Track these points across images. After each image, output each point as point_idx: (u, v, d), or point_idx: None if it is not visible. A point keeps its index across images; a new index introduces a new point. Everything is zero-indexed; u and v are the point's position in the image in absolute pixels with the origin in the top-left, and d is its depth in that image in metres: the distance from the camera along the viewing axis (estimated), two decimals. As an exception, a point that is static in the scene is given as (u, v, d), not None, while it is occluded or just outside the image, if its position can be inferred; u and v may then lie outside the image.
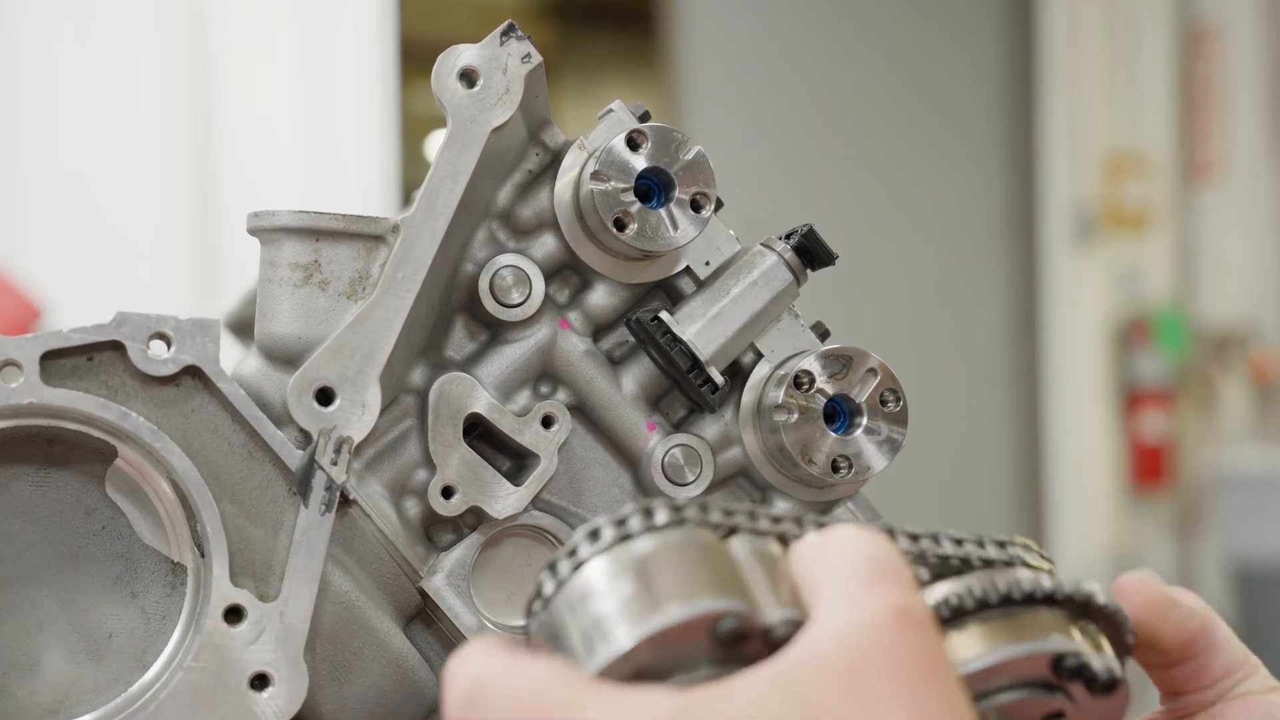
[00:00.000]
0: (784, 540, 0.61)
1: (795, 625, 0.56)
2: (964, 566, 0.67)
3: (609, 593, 0.56)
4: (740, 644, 0.55)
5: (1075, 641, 0.64)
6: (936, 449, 4.26)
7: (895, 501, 1.07)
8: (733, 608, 0.55)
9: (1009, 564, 0.67)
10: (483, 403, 0.84)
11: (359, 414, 0.80)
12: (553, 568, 0.58)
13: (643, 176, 0.83)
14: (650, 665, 0.55)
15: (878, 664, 0.52)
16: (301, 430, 0.80)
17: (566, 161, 0.87)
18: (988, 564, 0.67)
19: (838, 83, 4.34)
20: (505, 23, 0.84)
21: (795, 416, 0.85)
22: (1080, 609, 0.66)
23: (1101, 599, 0.66)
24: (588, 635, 0.55)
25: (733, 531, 0.60)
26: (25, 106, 2.99)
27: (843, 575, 0.55)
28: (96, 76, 3.06)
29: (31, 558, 0.80)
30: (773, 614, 0.56)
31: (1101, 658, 0.64)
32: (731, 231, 0.89)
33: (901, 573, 0.56)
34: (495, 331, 0.87)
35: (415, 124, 3.65)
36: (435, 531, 0.86)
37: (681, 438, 0.88)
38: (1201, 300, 4.81)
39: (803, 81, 4.27)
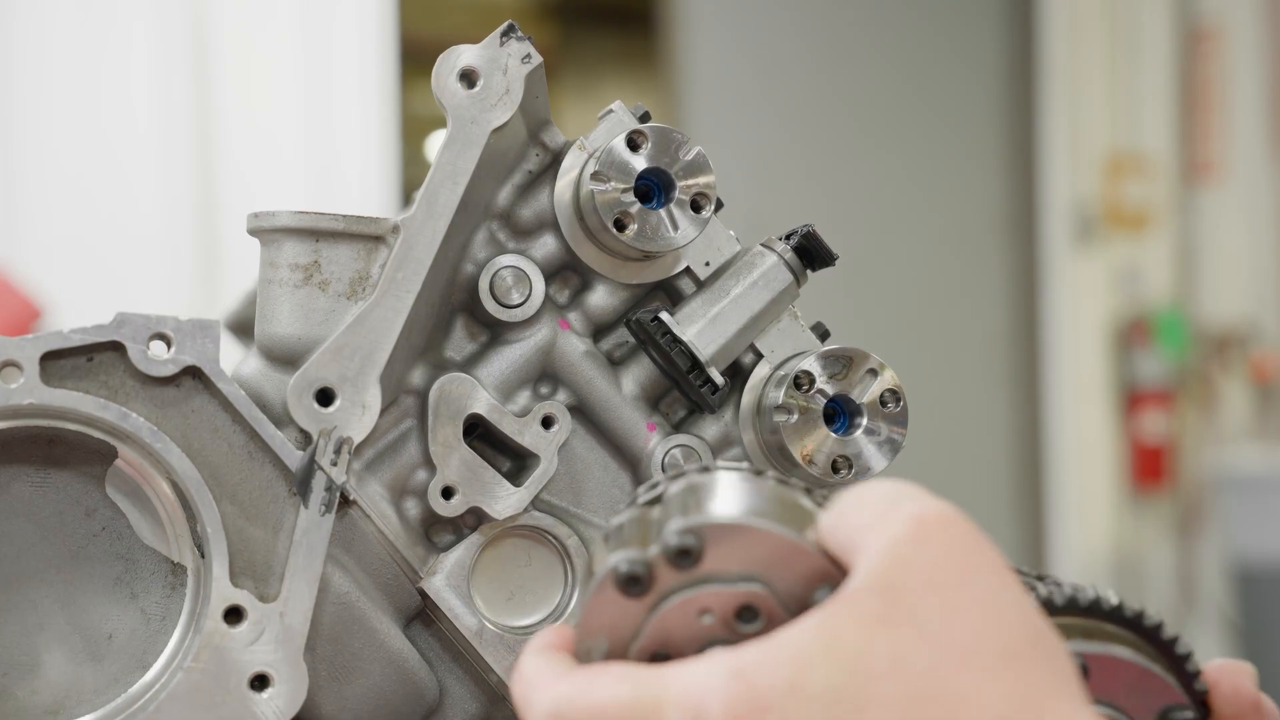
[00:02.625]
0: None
1: (688, 532, 0.57)
2: None
3: None
4: (648, 581, 0.57)
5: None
6: (936, 449, 4.25)
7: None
8: (621, 559, 0.57)
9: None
10: (483, 403, 0.84)
11: (359, 414, 0.80)
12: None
13: (643, 177, 0.83)
14: (640, 644, 0.58)
15: (908, 581, 0.52)
16: (302, 431, 0.80)
17: (566, 162, 0.87)
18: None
19: (838, 83, 4.34)
20: (505, 23, 0.84)
21: (795, 417, 0.85)
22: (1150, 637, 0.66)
23: (1175, 639, 0.66)
24: None
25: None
26: (25, 107, 2.99)
27: (865, 518, 0.55)
28: (96, 76, 3.06)
29: (32, 558, 0.80)
30: (660, 537, 0.57)
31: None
32: (731, 232, 0.89)
33: (917, 491, 0.56)
34: (495, 332, 0.87)
35: (415, 124, 3.65)
36: (435, 532, 0.86)
37: (681, 438, 0.88)
38: (1201, 300, 4.80)
39: (803, 81, 4.27)
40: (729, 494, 0.59)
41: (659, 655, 0.58)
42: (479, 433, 0.86)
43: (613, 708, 0.54)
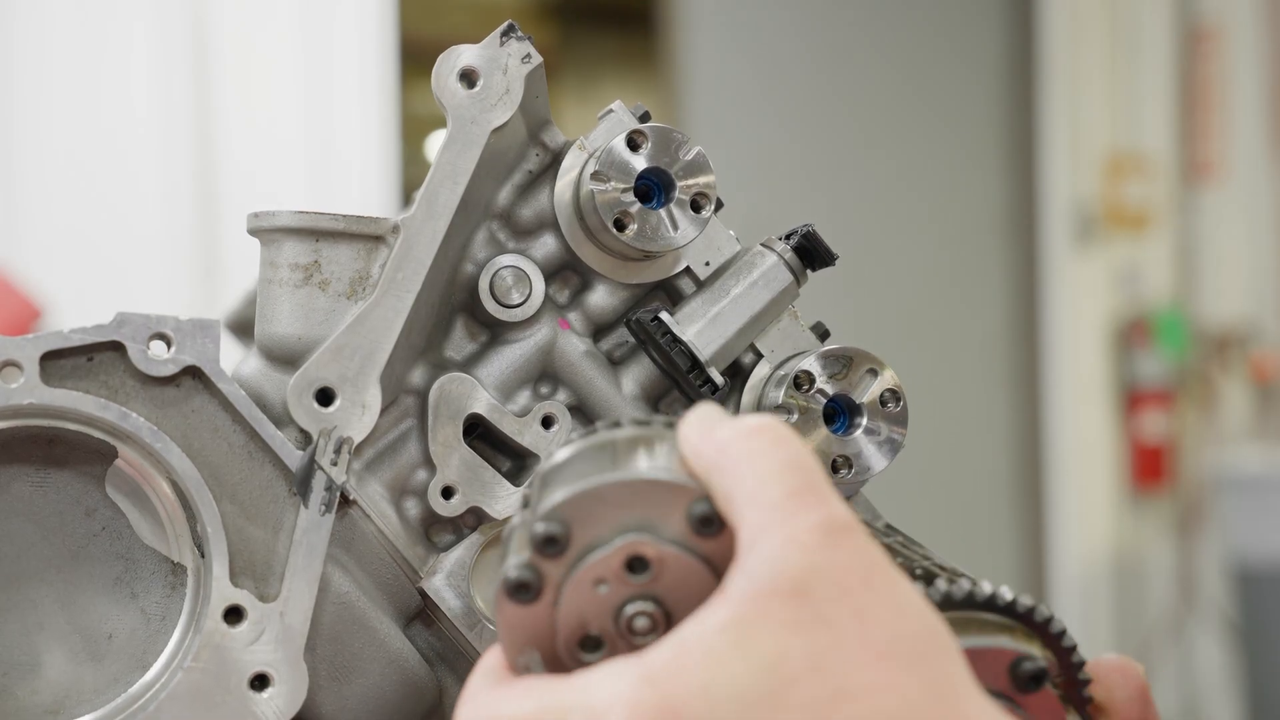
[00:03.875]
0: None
1: (547, 519, 0.57)
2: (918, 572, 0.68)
3: None
4: (539, 582, 0.57)
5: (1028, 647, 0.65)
6: (936, 449, 4.26)
7: (895, 502, 1.07)
8: (508, 567, 0.58)
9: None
10: (483, 403, 0.84)
11: (359, 414, 0.80)
12: None
13: (643, 177, 0.83)
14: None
15: (818, 586, 0.53)
16: (302, 431, 0.80)
17: (566, 162, 0.87)
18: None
19: (838, 82, 4.34)
20: (505, 23, 0.84)
21: (795, 417, 0.84)
22: (1034, 628, 0.66)
23: (1054, 622, 0.66)
24: None
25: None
26: (25, 107, 2.99)
27: (761, 492, 0.56)
28: (97, 77, 3.06)
29: (32, 558, 0.80)
30: (529, 535, 0.58)
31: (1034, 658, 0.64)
32: (731, 232, 0.89)
33: (818, 478, 0.56)
34: (495, 332, 0.87)
35: (415, 124, 3.64)
36: (435, 532, 0.86)
37: (681, 438, 0.88)
38: (1201, 300, 4.80)
39: (803, 81, 4.27)
40: (577, 466, 0.60)
41: (589, 639, 0.58)
42: (479, 432, 0.86)
43: None
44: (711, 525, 0.57)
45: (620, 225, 0.83)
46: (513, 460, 0.87)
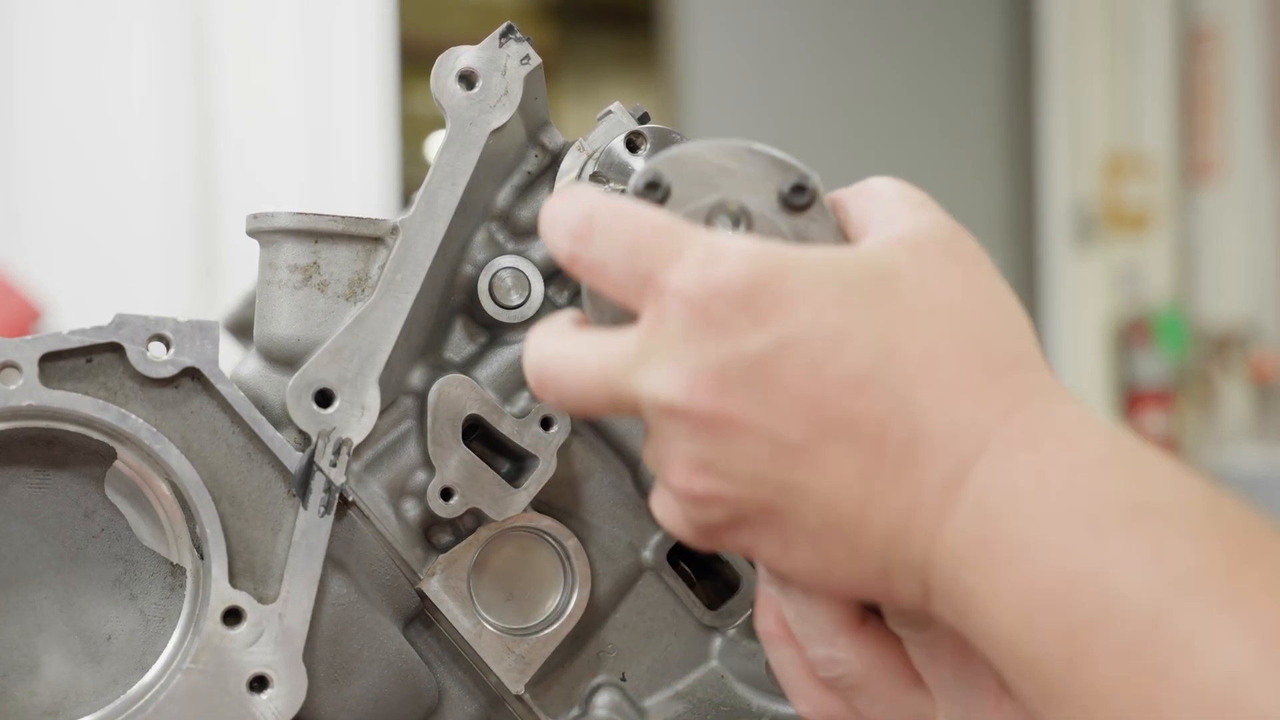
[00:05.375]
0: None
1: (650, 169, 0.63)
2: None
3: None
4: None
5: None
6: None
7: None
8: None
9: None
10: (482, 404, 0.84)
11: (358, 416, 0.80)
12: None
13: (642, 178, 0.83)
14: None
15: (937, 248, 0.60)
16: (301, 432, 0.80)
17: (565, 163, 0.87)
18: None
19: (837, 82, 4.34)
20: (504, 24, 0.84)
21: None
22: None
23: None
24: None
25: None
26: (25, 108, 2.99)
27: (891, 204, 0.63)
28: (96, 77, 3.06)
29: (30, 560, 0.80)
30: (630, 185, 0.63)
31: None
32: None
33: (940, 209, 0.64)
34: (495, 333, 0.87)
35: (415, 124, 3.64)
36: (434, 533, 0.86)
37: (681, 439, 0.88)
38: (1201, 300, 4.80)
39: (802, 81, 4.27)
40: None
41: None
42: (478, 434, 0.86)
43: (637, 228, 0.60)
44: (803, 194, 0.61)
45: (619, 226, 0.83)
46: (512, 462, 0.87)
